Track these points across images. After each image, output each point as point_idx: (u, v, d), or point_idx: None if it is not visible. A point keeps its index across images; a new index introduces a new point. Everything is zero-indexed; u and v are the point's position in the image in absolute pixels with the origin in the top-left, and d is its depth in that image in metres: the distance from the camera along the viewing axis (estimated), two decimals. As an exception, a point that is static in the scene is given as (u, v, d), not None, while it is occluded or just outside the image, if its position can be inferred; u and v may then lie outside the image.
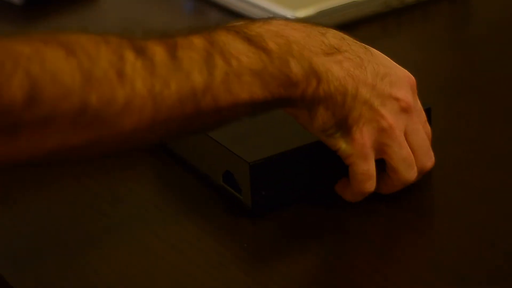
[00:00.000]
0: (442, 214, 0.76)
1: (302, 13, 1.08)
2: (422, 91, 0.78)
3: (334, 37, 0.69)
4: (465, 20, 1.18)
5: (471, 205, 0.76)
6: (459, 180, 0.79)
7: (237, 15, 1.14)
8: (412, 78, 0.73)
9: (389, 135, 0.70)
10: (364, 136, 0.70)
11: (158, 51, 0.62)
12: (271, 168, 0.73)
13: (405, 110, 0.71)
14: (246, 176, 0.73)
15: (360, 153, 0.70)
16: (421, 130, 0.72)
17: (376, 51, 0.72)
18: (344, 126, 0.70)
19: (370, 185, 0.72)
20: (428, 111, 0.76)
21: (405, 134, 0.71)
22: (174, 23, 1.17)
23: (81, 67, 0.59)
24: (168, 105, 0.62)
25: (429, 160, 0.73)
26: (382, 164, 0.73)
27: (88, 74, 0.59)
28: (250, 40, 0.66)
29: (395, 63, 0.73)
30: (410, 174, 0.72)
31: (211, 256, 0.72)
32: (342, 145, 0.71)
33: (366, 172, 0.71)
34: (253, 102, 0.65)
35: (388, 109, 0.70)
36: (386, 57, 0.73)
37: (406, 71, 0.73)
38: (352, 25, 1.11)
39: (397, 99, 0.70)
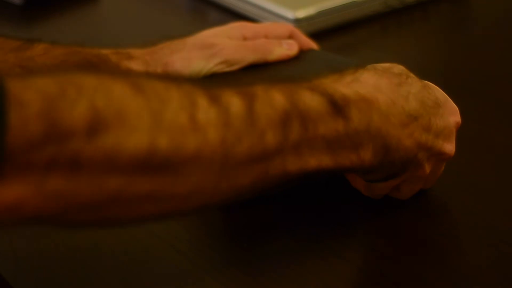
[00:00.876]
0: (442, 214, 0.76)
1: (302, 13, 1.08)
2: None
3: (415, 100, 0.68)
4: (465, 20, 1.18)
5: (471, 205, 0.76)
6: (459, 180, 0.79)
7: (237, 15, 1.14)
8: (458, 117, 0.73)
9: (418, 179, 0.73)
10: (397, 182, 0.72)
11: (234, 101, 0.58)
12: None
13: (445, 160, 0.73)
14: None
15: (386, 190, 0.74)
16: (441, 170, 0.74)
17: (440, 96, 0.72)
18: (393, 177, 0.71)
19: (378, 197, 0.75)
20: None
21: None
22: (174, 23, 1.17)
23: (150, 107, 0.54)
24: (237, 162, 0.58)
25: (432, 184, 0.76)
26: None
27: (158, 115, 0.54)
28: (334, 104, 0.63)
29: (449, 104, 0.72)
30: (403, 198, 0.75)
31: (211, 256, 0.72)
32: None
33: (374, 195, 0.74)
34: (320, 169, 0.63)
35: (430, 162, 0.71)
36: (445, 100, 0.72)
37: (455, 110, 0.72)
38: (352, 25, 1.11)
39: (442, 154, 0.71)
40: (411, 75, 0.70)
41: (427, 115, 0.69)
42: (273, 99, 0.60)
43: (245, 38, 0.89)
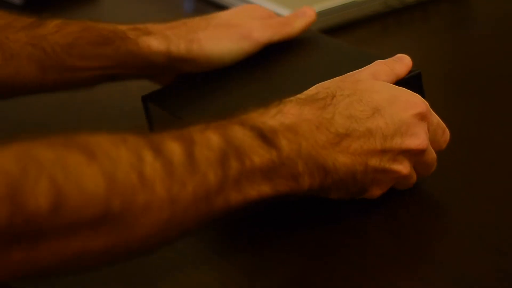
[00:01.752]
0: (442, 214, 0.76)
1: (302, 13, 1.08)
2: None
3: (342, 118, 0.70)
4: (465, 20, 1.18)
5: (471, 205, 0.76)
6: (460, 180, 0.79)
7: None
8: (422, 108, 0.72)
9: (401, 179, 0.73)
10: (381, 189, 0.73)
11: (175, 150, 0.62)
12: None
13: (418, 154, 0.72)
14: None
15: (377, 196, 0.74)
16: (430, 157, 0.74)
17: (386, 98, 0.72)
18: (360, 193, 0.73)
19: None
20: (418, 76, 0.77)
21: (413, 165, 0.74)
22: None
23: (104, 171, 0.58)
24: (184, 206, 0.62)
25: (431, 171, 0.76)
26: None
27: (111, 178, 0.58)
28: (264, 137, 0.66)
29: (404, 99, 0.72)
30: (406, 188, 0.76)
31: (211, 256, 0.72)
32: (360, 196, 0.74)
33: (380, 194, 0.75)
34: (261, 198, 0.66)
35: (400, 161, 0.72)
36: (395, 98, 0.72)
37: (415, 103, 0.72)
38: (352, 25, 1.11)
39: (409, 150, 0.71)
40: (338, 93, 0.71)
41: (362, 126, 0.70)
42: (209, 140, 0.64)
43: (262, 18, 0.89)
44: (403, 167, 0.72)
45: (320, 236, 0.73)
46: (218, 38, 0.86)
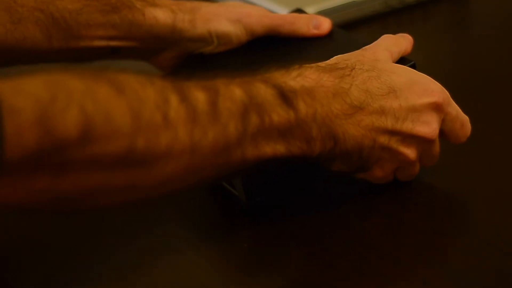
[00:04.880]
0: (442, 214, 0.76)
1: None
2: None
3: (358, 91, 0.71)
4: (465, 20, 1.18)
5: (471, 205, 0.76)
6: (460, 180, 0.79)
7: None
8: (439, 98, 0.73)
9: (406, 164, 0.74)
10: (384, 171, 0.74)
11: (200, 98, 0.63)
12: (264, 173, 0.73)
13: (426, 141, 0.73)
14: (239, 183, 0.74)
15: (377, 179, 0.75)
16: (435, 149, 0.75)
17: (405, 80, 0.72)
18: (362, 169, 0.73)
19: (383, 182, 0.76)
20: (412, 67, 0.77)
21: (420, 154, 0.74)
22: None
23: (131, 107, 0.58)
24: (203, 155, 0.63)
25: (433, 163, 0.77)
26: None
27: (137, 115, 0.59)
28: (284, 97, 0.67)
29: (423, 86, 0.73)
30: (408, 180, 0.76)
31: (211, 256, 0.72)
32: (360, 175, 0.74)
33: (382, 179, 0.75)
34: (275, 157, 0.67)
35: (407, 145, 0.73)
36: (414, 83, 0.73)
37: (434, 91, 0.73)
38: (352, 25, 1.11)
39: (420, 136, 0.72)
40: (357, 66, 0.72)
41: (376, 102, 0.71)
42: (233, 93, 0.65)
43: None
44: (410, 152, 0.72)
45: (320, 237, 0.73)
46: (219, 15, 0.86)
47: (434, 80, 0.74)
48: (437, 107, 0.73)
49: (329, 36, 0.87)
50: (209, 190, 0.79)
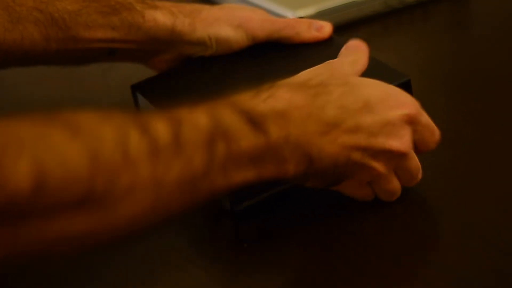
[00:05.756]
0: (442, 214, 0.76)
1: (302, 13, 1.08)
2: (422, 91, 0.79)
3: (334, 107, 0.69)
4: (465, 20, 1.18)
5: (471, 205, 0.76)
6: (459, 180, 0.79)
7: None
8: (411, 109, 0.72)
9: (379, 178, 0.73)
10: (354, 184, 0.73)
11: (162, 130, 0.60)
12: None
13: (399, 156, 0.72)
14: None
15: (350, 192, 0.74)
16: (412, 164, 0.73)
17: (378, 93, 0.71)
18: (335, 183, 0.72)
19: (366, 199, 0.75)
20: (407, 84, 0.77)
21: (395, 169, 0.73)
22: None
23: (88, 149, 0.56)
24: (168, 190, 0.60)
25: (415, 180, 0.75)
26: None
27: (95, 156, 0.56)
28: (253, 122, 0.65)
29: (395, 98, 0.72)
30: (391, 199, 0.75)
31: (211, 256, 0.72)
32: (333, 188, 0.73)
33: (359, 197, 0.74)
34: (245, 182, 0.65)
35: (379, 159, 0.71)
36: (386, 95, 0.72)
37: (405, 103, 0.72)
38: (352, 25, 1.11)
39: (391, 151, 0.71)
40: (333, 82, 0.71)
41: (352, 118, 0.69)
42: (197, 121, 0.63)
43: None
44: (380, 165, 0.71)
45: (320, 237, 0.73)
46: (219, 20, 0.86)
47: (404, 92, 0.73)
48: (409, 119, 0.71)
49: (329, 42, 0.86)
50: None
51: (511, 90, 0.95)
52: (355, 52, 0.78)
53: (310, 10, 1.08)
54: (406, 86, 0.77)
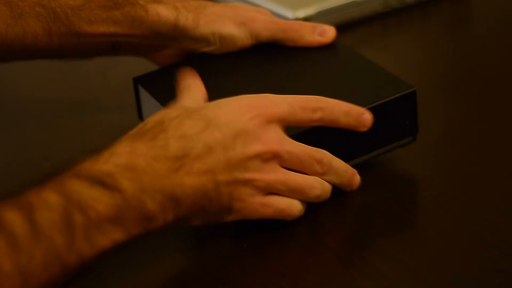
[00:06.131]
0: (441, 214, 0.76)
1: (302, 13, 1.08)
2: (422, 91, 0.78)
3: (176, 140, 0.67)
4: (465, 20, 1.18)
5: (471, 205, 0.76)
6: (459, 180, 0.79)
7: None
8: (258, 110, 0.69)
9: (269, 186, 0.70)
10: (252, 209, 0.70)
11: (16, 221, 0.60)
12: None
13: (272, 156, 0.69)
14: None
15: (253, 213, 0.70)
16: (300, 155, 0.70)
17: (215, 109, 0.70)
18: (225, 211, 0.70)
19: (293, 213, 0.72)
20: (412, 95, 0.76)
21: (282, 166, 0.70)
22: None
23: None
24: (35, 274, 0.60)
25: (321, 169, 0.71)
26: None
27: None
28: (102, 183, 0.64)
29: (236, 106, 0.70)
30: (318, 197, 0.72)
31: (212, 256, 0.72)
32: (232, 219, 0.71)
33: (273, 213, 0.71)
34: (115, 244, 0.64)
35: (253, 169, 0.69)
36: (225, 106, 0.70)
37: (248, 106, 0.69)
38: (352, 25, 1.11)
39: (257, 155, 0.68)
40: (166, 118, 0.69)
41: (198, 142, 0.67)
42: (48, 201, 0.62)
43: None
44: (258, 174, 0.69)
45: (320, 236, 0.73)
46: (224, 17, 0.85)
47: (251, 95, 0.70)
48: (263, 118, 0.69)
49: (331, 47, 0.86)
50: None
51: (511, 90, 0.95)
52: (190, 83, 0.76)
53: (310, 10, 1.08)
54: (411, 97, 0.76)
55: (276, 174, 0.69)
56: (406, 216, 0.75)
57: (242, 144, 0.68)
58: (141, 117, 0.87)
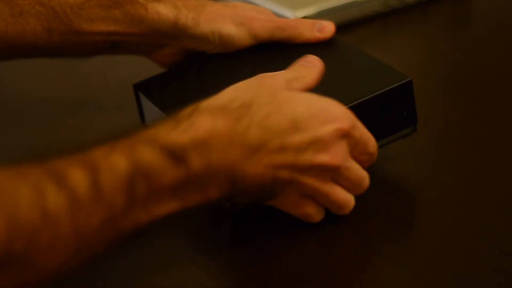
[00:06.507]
0: (442, 214, 0.76)
1: (302, 13, 1.08)
2: (422, 91, 0.78)
3: (257, 129, 0.68)
4: (465, 20, 1.18)
5: (471, 205, 0.76)
6: (459, 180, 0.79)
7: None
8: (343, 124, 0.70)
9: (315, 192, 0.71)
10: (290, 198, 0.71)
11: (79, 179, 0.60)
12: None
13: (332, 169, 0.70)
14: None
15: (288, 206, 0.72)
16: (351, 174, 0.72)
17: (306, 110, 0.70)
18: (268, 197, 0.71)
19: (314, 220, 0.73)
20: (408, 84, 0.76)
21: (333, 180, 0.71)
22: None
23: (4, 212, 0.56)
24: (91, 236, 0.60)
25: (360, 189, 0.73)
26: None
27: (11, 219, 0.56)
28: (173, 156, 0.64)
29: (326, 113, 0.70)
30: (342, 212, 0.73)
31: (211, 256, 0.72)
32: (270, 203, 0.72)
33: (302, 214, 0.73)
34: (169, 213, 0.65)
35: (311, 174, 0.70)
36: (316, 111, 0.70)
37: (337, 117, 0.70)
38: (352, 25, 1.11)
39: (321, 165, 0.70)
40: (257, 101, 0.69)
41: (278, 139, 0.68)
42: (115, 165, 0.62)
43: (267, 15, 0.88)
44: (312, 181, 0.70)
45: (319, 236, 0.73)
46: (223, 16, 0.85)
47: (338, 104, 0.71)
48: (341, 133, 0.70)
49: (331, 43, 0.86)
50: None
51: (511, 90, 0.95)
52: (304, 69, 0.75)
53: (310, 10, 1.08)
54: (407, 87, 0.77)
55: (325, 186, 0.71)
56: (406, 216, 0.75)
57: (313, 152, 0.69)
58: (143, 121, 0.87)
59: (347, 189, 0.72)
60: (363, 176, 0.72)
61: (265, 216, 0.75)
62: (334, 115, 0.70)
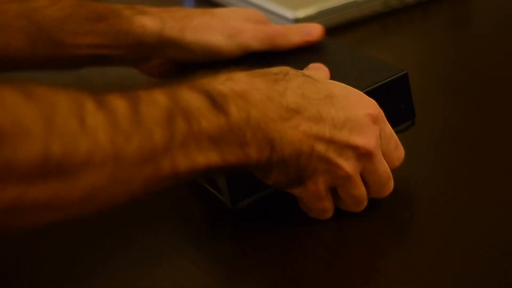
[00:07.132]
0: (442, 214, 0.76)
1: (302, 13, 1.08)
2: (422, 91, 0.79)
3: (294, 94, 0.68)
4: (465, 20, 1.18)
5: (471, 205, 0.76)
6: (459, 180, 0.79)
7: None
8: (374, 110, 0.70)
9: (344, 180, 0.70)
10: (318, 185, 0.70)
11: (119, 105, 0.59)
12: (249, 175, 0.72)
13: (365, 155, 0.70)
14: (224, 186, 0.74)
15: (313, 197, 0.71)
16: (380, 168, 0.71)
17: (340, 90, 0.70)
18: (298, 180, 0.70)
19: (326, 216, 0.73)
20: (404, 77, 0.77)
21: (362, 173, 0.71)
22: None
23: (42, 113, 0.55)
24: (128, 163, 0.59)
25: (386, 190, 0.73)
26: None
27: (50, 120, 0.55)
28: (213, 101, 0.64)
29: (358, 97, 0.71)
30: (358, 208, 0.73)
31: (211, 256, 0.72)
32: (295, 191, 0.71)
33: (320, 208, 0.72)
34: (210, 166, 0.64)
35: (346, 157, 0.69)
36: (349, 93, 0.71)
37: (368, 104, 0.71)
38: (352, 25, 1.11)
39: (355, 147, 0.69)
40: (292, 72, 0.70)
41: (313, 107, 0.68)
42: (156, 99, 0.62)
43: (257, 22, 0.88)
44: (347, 164, 0.69)
45: (320, 235, 0.73)
46: (211, 28, 0.85)
47: (368, 97, 0.72)
48: (373, 119, 0.70)
49: (322, 46, 0.86)
50: (194, 195, 0.78)
51: (511, 90, 0.95)
52: (316, 72, 0.76)
53: (310, 10, 1.08)
54: (403, 80, 0.77)
55: (357, 175, 0.70)
56: (406, 216, 0.75)
57: (349, 131, 0.69)
58: None
59: (372, 186, 0.72)
60: (390, 175, 0.72)
61: (266, 216, 0.75)
62: (366, 102, 0.71)
